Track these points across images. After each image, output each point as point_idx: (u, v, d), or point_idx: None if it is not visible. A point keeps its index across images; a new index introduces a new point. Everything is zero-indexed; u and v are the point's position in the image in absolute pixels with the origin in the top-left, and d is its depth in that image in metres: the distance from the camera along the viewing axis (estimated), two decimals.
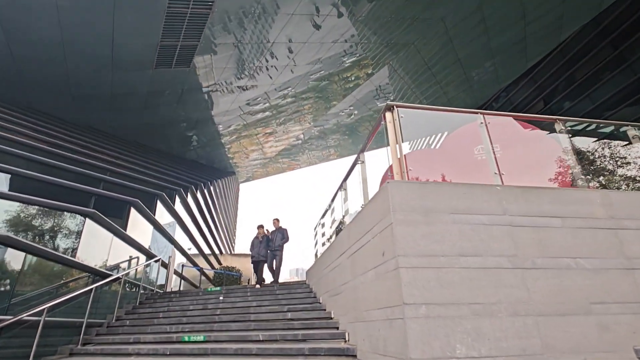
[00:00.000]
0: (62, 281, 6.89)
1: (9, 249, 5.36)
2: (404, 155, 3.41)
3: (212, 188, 21.58)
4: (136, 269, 9.20)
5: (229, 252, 30.06)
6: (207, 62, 12.69)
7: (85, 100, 12.57)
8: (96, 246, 7.74)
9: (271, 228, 9.07)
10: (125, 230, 8.76)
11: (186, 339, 5.18)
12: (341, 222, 6.34)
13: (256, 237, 8.91)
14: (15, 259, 5.53)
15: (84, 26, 9.14)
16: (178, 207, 12.88)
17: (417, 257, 2.81)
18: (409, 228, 2.91)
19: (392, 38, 14.70)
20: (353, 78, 19.17)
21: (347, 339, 4.12)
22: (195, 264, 13.84)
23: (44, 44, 9.55)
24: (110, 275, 7.47)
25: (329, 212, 6.87)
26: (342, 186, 5.73)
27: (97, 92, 12.14)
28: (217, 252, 23.00)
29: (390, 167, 5.27)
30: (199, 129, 19.30)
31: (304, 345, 4.09)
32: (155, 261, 9.97)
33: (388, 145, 3.56)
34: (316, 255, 8.23)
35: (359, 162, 4.74)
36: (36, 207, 6.73)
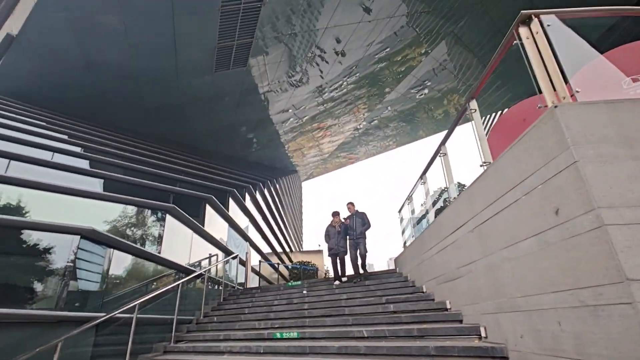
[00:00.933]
0: (149, 279, 6.90)
1: (96, 246, 5.34)
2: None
3: (277, 186, 21.68)
4: (216, 266, 9.15)
5: (298, 250, 30.29)
6: (260, 62, 12.58)
7: (155, 113, 13.19)
8: (177, 243, 7.74)
9: (344, 214, 7.95)
10: (203, 227, 8.72)
11: (278, 335, 4.67)
12: (439, 196, 5.38)
13: (331, 226, 7.56)
14: (102, 258, 5.52)
15: (148, 40, 9.37)
16: (248, 204, 12.86)
17: (632, 209, 1.81)
18: (608, 167, 1.92)
19: (453, 2, 13.12)
20: (406, 61, 17.95)
21: (483, 334, 3.19)
22: (269, 261, 13.76)
23: (116, 63, 10.04)
24: (194, 271, 7.36)
25: (419, 187, 5.91)
26: (439, 151, 4.76)
27: (165, 103, 12.63)
28: (287, 249, 23.13)
29: (506, 116, 4.19)
30: (259, 131, 19.46)
31: (427, 344, 3.25)
32: (233, 258, 9.88)
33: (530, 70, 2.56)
34: (404, 241, 7.33)
35: (470, 109, 3.75)
36: (121, 206, 6.83)
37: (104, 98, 11.67)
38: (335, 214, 7.68)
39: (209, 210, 9.36)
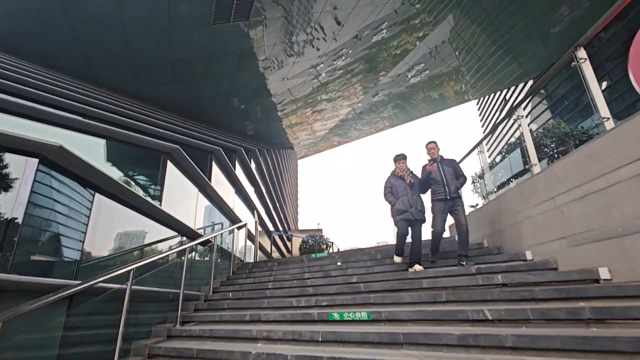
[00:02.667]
0: (145, 244, 5.41)
1: (70, 183, 3.78)
2: None
3: (276, 157, 20.12)
4: (221, 234, 7.70)
5: (295, 228, 29.05)
6: (259, 35, 10.88)
7: (146, 72, 11.28)
8: (180, 201, 6.22)
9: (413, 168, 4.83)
10: (209, 182, 7.19)
11: (336, 316, 3.28)
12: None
13: (396, 176, 4.69)
14: (79, 203, 3.98)
15: None
16: (253, 169, 11.32)
17: None
18: None
19: None
20: (403, 43, 16.81)
21: None
22: (271, 232, 12.35)
23: (102, 16, 8.18)
24: (201, 236, 5.91)
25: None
26: (513, 113, 3.33)
27: (157, 61, 10.76)
28: (285, 226, 21.80)
29: None
30: (256, 102, 17.71)
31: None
32: (240, 227, 8.41)
33: None
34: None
35: (580, 59, 2.31)
36: (109, 144, 5.21)
37: (89, 51, 9.75)
38: (401, 158, 4.78)
39: (215, 169, 7.80)
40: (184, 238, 6.01)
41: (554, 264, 3.30)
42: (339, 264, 5.75)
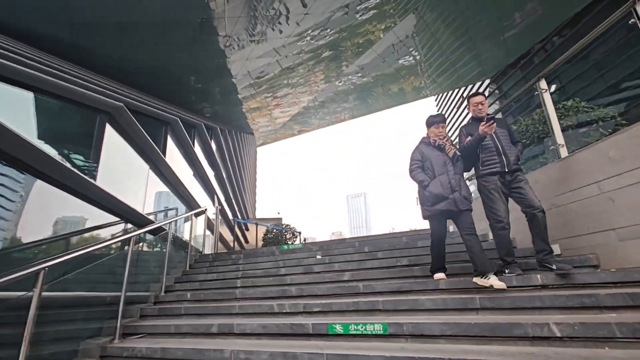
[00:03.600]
0: (70, 233, 4.20)
1: None
2: None
3: (237, 140, 18.77)
4: (177, 221, 6.56)
5: (252, 217, 27.82)
6: (220, 7, 9.60)
7: (88, 32, 9.36)
8: (125, 179, 5.00)
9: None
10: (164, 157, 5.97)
11: (338, 329, 2.48)
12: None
13: (430, 145, 3.32)
14: None
15: None
16: (213, 150, 10.08)
17: None
18: None
19: None
20: (368, 34, 16.58)
21: None
22: (235, 219, 11.23)
23: None
24: (152, 222, 4.79)
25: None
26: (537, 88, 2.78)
27: (100, 19, 8.95)
28: (244, 214, 20.58)
29: None
30: (216, 83, 16.25)
31: None
32: (197, 214, 7.29)
33: None
34: None
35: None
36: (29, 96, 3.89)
37: (21, 3, 7.77)
38: (439, 120, 3.33)
39: (170, 144, 6.57)
40: (130, 225, 4.85)
41: (594, 261, 2.78)
42: (318, 257, 4.97)
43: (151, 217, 5.77)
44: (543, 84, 3.67)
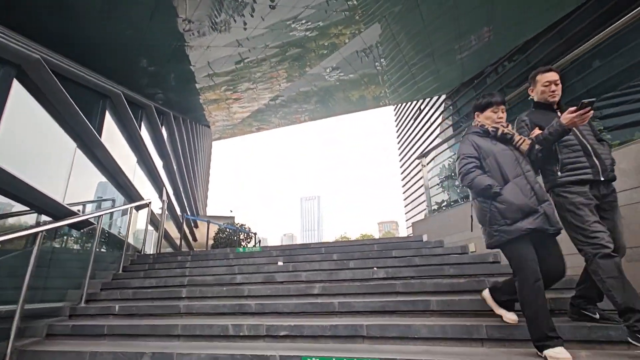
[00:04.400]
0: None
1: None
2: None
3: (191, 131, 17.46)
4: (111, 214, 5.57)
5: (204, 214, 26.28)
6: None
7: None
8: (37, 157, 3.99)
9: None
10: (99, 137, 4.95)
11: None
12: None
13: (490, 137, 2.25)
14: None
15: None
16: (164, 136, 9.01)
17: None
18: None
19: None
20: (333, 37, 16.69)
21: None
22: (185, 215, 10.16)
23: None
24: (75, 214, 3.87)
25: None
26: None
27: None
28: (194, 211, 19.22)
29: None
30: (172, 68, 14.97)
31: None
32: (139, 208, 6.31)
33: None
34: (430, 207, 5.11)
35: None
36: None
37: None
38: (499, 101, 2.27)
39: (109, 122, 5.54)
40: (44, 217, 3.87)
41: None
42: (280, 264, 4.36)
43: (77, 208, 4.76)
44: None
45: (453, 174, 4.59)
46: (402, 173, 45.29)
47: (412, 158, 39.84)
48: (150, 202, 6.24)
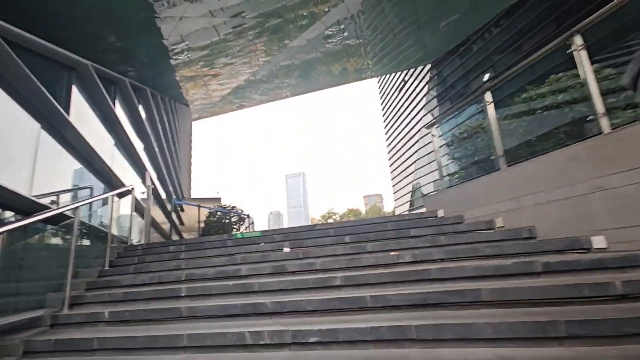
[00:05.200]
0: None
1: None
2: None
3: (171, 109, 16.46)
4: (90, 205, 5.00)
5: (188, 196, 25.55)
6: None
7: None
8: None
9: None
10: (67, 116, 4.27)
11: None
12: None
13: None
14: None
15: None
16: (141, 114, 8.24)
17: None
18: None
19: None
20: (314, 6, 15.90)
21: None
22: (174, 200, 9.57)
23: None
24: (46, 209, 3.31)
25: None
26: None
27: None
28: (179, 194, 18.51)
29: None
30: (143, 42, 13.71)
31: None
32: (122, 195, 5.72)
33: None
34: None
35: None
36: None
37: None
38: None
39: (77, 99, 4.83)
40: (7, 213, 3.30)
41: None
42: (286, 250, 3.96)
43: (46, 201, 4.17)
44: (579, 39, 3.01)
45: (469, 137, 4.21)
46: (387, 146, 45.12)
47: (398, 130, 39.57)
48: (133, 189, 5.65)
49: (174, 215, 12.25)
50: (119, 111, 6.67)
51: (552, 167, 2.93)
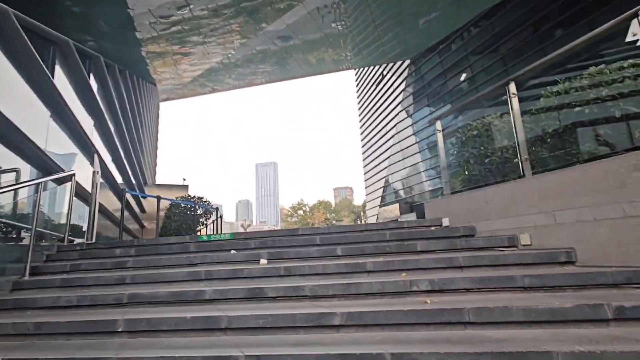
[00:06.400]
0: None
1: None
2: None
3: (134, 87, 14.92)
4: (15, 191, 3.97)
5: (152, 182, 23.89)
6: None
7: None
8: None
9: None
10: None
11: None
12: None
13: None
14: None
15: None
16: (96, 89, 7.02)
17: None
18: None
19: None
20: None
21: None
22: (126, 191, 8.40)
23: None
24: None
25: None
26: None
27: None
28: (141, 180, 17.05)
29: None
30: (104, 10, 12.10)
31: None
32: (60, 182, 4.69)
33: None
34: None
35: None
36: None
37: None
38: None
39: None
40: None
41: None
42: (263, 262, 3.20)
43: None
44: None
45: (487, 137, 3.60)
46: (362, 140, 44.86)
47: (374, 125, 39.34)
48: (74, 174, 4.62)
49: (135, 206, 11.00)
50: (61, 79, 5.49)
51: (605, 178, 2.36)
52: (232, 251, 3.57)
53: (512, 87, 3.16)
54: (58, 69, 5.27)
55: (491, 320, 1.87)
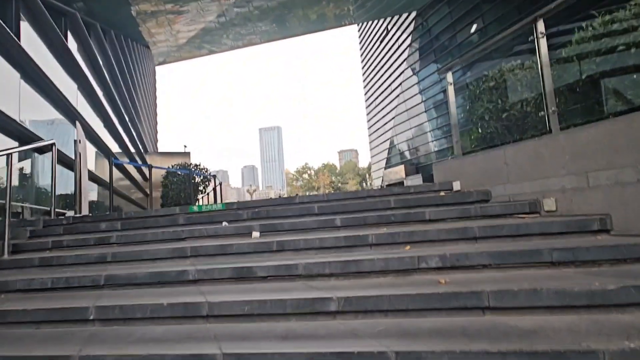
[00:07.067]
0: None
1: None
2: None
3: (127, 49, 14.16)
4: None
5: (154, 150, 23.61)
6: None
7: None
8: None
9: None
10: None
11: None
12: None
13: None
14: None
15: None
16: (80, 55, 6.49)
17: None
18: None
19: None
20: None
21: None
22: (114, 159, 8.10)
23: None
24: None
25: None
26: None
27: None
28: (141, 147, 16.75)
29: None
30: None
31: None
32: (40, 151, 4.38)
33: None
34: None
35: None
36: None
37: None
38: None
39: None
40: None
41: None
42: (255, 235, 2.92)
43: None
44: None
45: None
46: (366, 100, 43.43)
47: (379, 83, 37.87)
48: (53, 143, 4.29)
49: (136, 174, 10.78)
50: (30, 34, 4.96)
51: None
52: (224, 223, 3.31)
53: (541, 25, 2.65)
54: (24, 21, 4.69)
55: (516, 305, 1.57)
